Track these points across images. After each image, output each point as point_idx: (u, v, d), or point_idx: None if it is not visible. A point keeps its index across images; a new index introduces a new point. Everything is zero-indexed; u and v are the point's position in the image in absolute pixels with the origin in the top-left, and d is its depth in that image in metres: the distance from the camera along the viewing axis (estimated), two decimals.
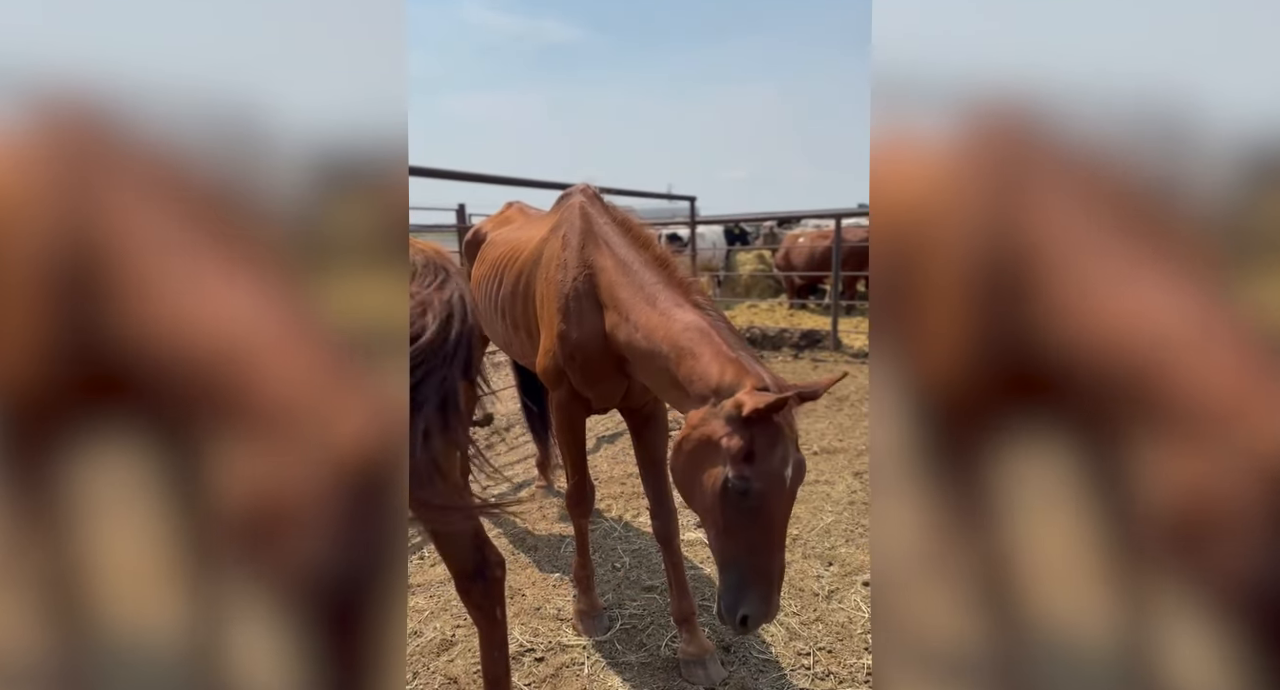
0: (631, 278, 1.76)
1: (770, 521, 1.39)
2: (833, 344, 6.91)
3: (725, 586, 1.43)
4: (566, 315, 1.85)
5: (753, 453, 1.37)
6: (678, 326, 1.61)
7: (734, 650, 2.07)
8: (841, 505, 3.13)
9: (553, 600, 2.41)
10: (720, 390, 1.47)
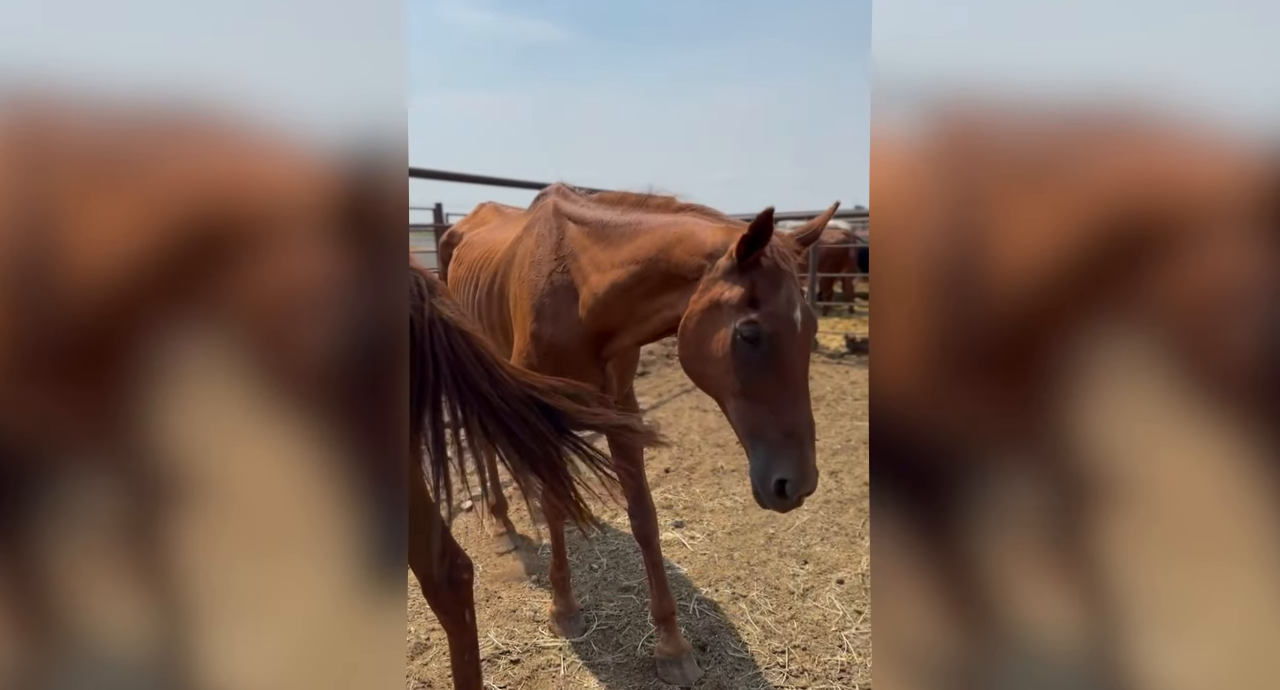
0: (606, 233, 1.70)
1: (788, 370, 1.31)
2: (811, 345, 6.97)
3: (754, 458, 1.33)
4: (540, 314, 1.81)
5: (755, 297, 1.33)
6: (660, 228, 1.57)
7: (710, 649, 2.08)
8: (817, 504, 3.16)
9: (529, 602, 2.39)
10: (714, 253, 1.42)
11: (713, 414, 4.71)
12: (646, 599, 2.35)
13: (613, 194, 1.82)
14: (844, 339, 6.96)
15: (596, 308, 1.69)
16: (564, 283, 1.78)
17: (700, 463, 3.76)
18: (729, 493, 3.33)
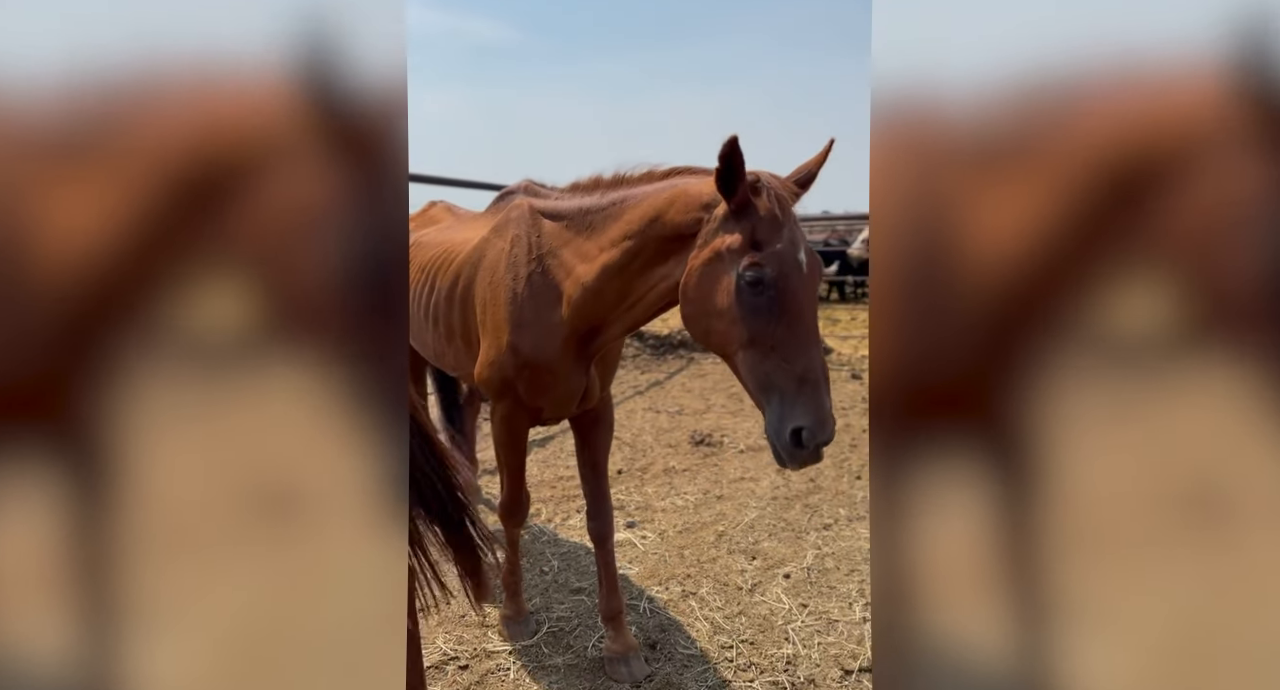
0: (589, 220, 1.62)
1: (797, 313, 1.26)
2: None
3: (768, 409, 1.27)
4: (518, 322, 1.70)
5: (757, 240, 1.28)
6: (649, 197, 1.51)
7: (659, 647, 2.11)
8: (765, 501, 3.23)
9: (481, 607, 2.37)
10: (710, 204, 1.37)
11: (664, 415, 4.75)
12: (596, 599, 2.36)
13: (585, 180, 1.75)
14: None
15: (585, 299, 1.61)
16: (543, 285, 1.69)
17: (653, 463, 3.79)
18: (680, 492, 3.37)
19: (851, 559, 2.65)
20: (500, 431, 1.91)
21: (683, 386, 5.68)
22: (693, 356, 6.90)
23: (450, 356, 2.10)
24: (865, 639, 2.12)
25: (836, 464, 3.73)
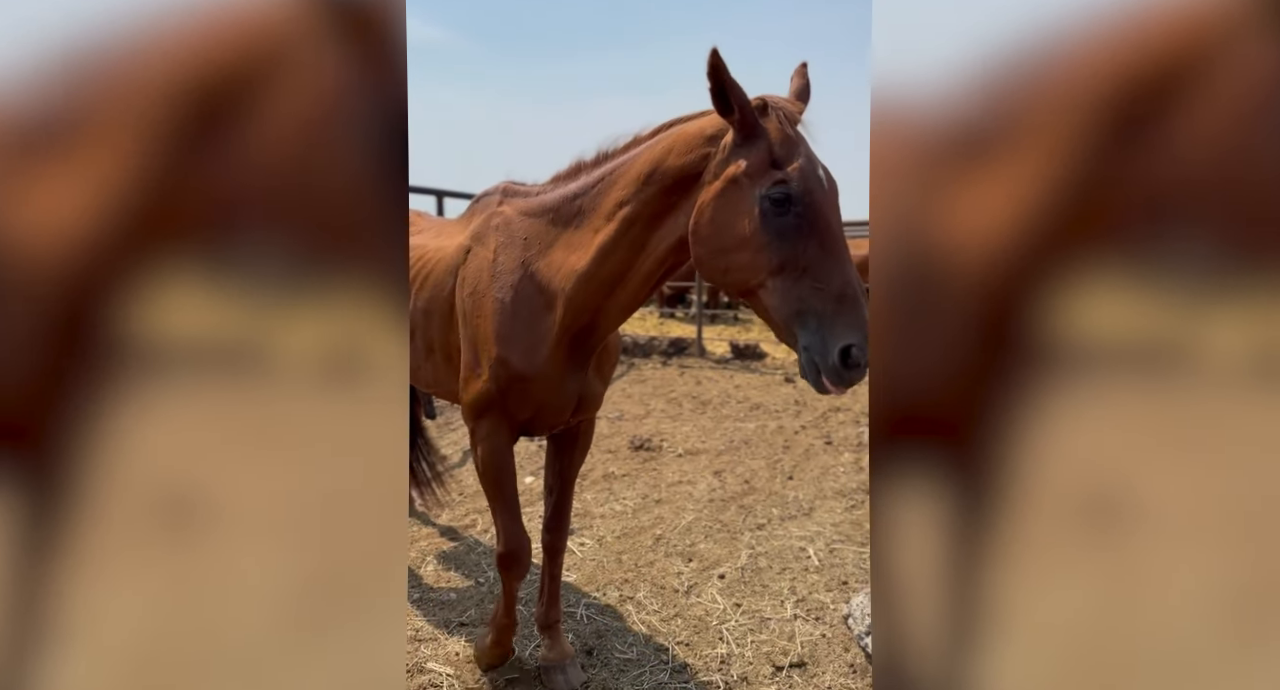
0: (578, 205, 1.54)
1: (827, 229, 1.20)
2: (698, 351, 7.23)
3: (806, 335, 1.19)
4: (507, 336, 1.58)
5: (775, 159, 1.23)
6: (641, 156, 1.44)
7: (596, 653, 2.11)
8: (702, 503, 3.29)
9: (410, 621, 2.31)
10: (716, 135, 1.32)
11: (604, 421, 4.76)
12: (533, 608, 2.34)
13: (565, 169, 1.66)
14: (729, 345, 7.29)
15: (580, 287, 1.52)
16: (531, 290, 1.59)
17: (592, 469, 3.79)
18: (619, 498, 3.39)
19: (783, 558, 2.73)
20: (486, 451, 1.70)
21: (623, 392, 5.71)
22: (634, 362, 6.95)
23: (427, 372, 1.95)
24: (796, 636, 2.19)
25: (770, 465, 3.84)
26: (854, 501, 3.31)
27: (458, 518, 3.14)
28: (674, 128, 1.44)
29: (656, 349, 7.24)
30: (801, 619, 2.29)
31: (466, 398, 1.70)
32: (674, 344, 7.29)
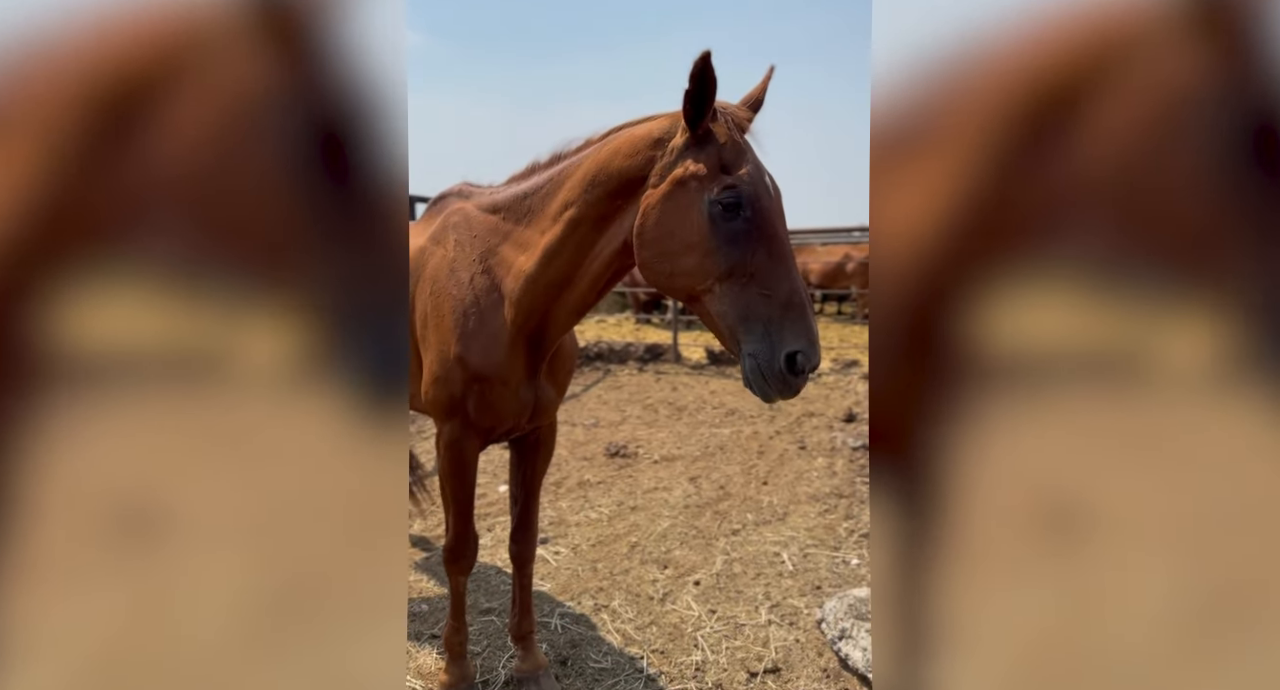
0: (528, 204, 1.54)
1: (774, 236, 1.21)
2: (674, 357, 7.25)
3: (753, 343, 1.19)
4: (464, 332, 1.57)
5: (724, 164, 1.24)
6: (588, 158, 1.43)
7: (570, 663, 2.10)
8: (678, 510, 3.29)
9: None
10: (663, 139, 1.32)
11: (580, 427, 4.75)
12: (507, 620, 2.32)
13: (521, 169, 1.66)
14: (704, 351, 7.32)
15: (526, 289, 1.52)
16: (487, 287, 1.59)
17: (567, 477, 3.77)
18: (595, 505, 3.38)
19: (758, 563, 2.74)
20: (449, 458, 1.70)
21: (599, 398, 5.70)
22: (609, 369, 6.94)
23: None
24: (770, 641, 2.20)
25: (745, 470, 3.86)
26: (827, 506, 3.34)
27: (430, 528, 3.09)
28: (622, 131, 1.44)
29: (632, 355, 7.24)
30: (776, 624, 2.30)
31: (431, 400, 1.68)
32: (650, 350, 7.30)
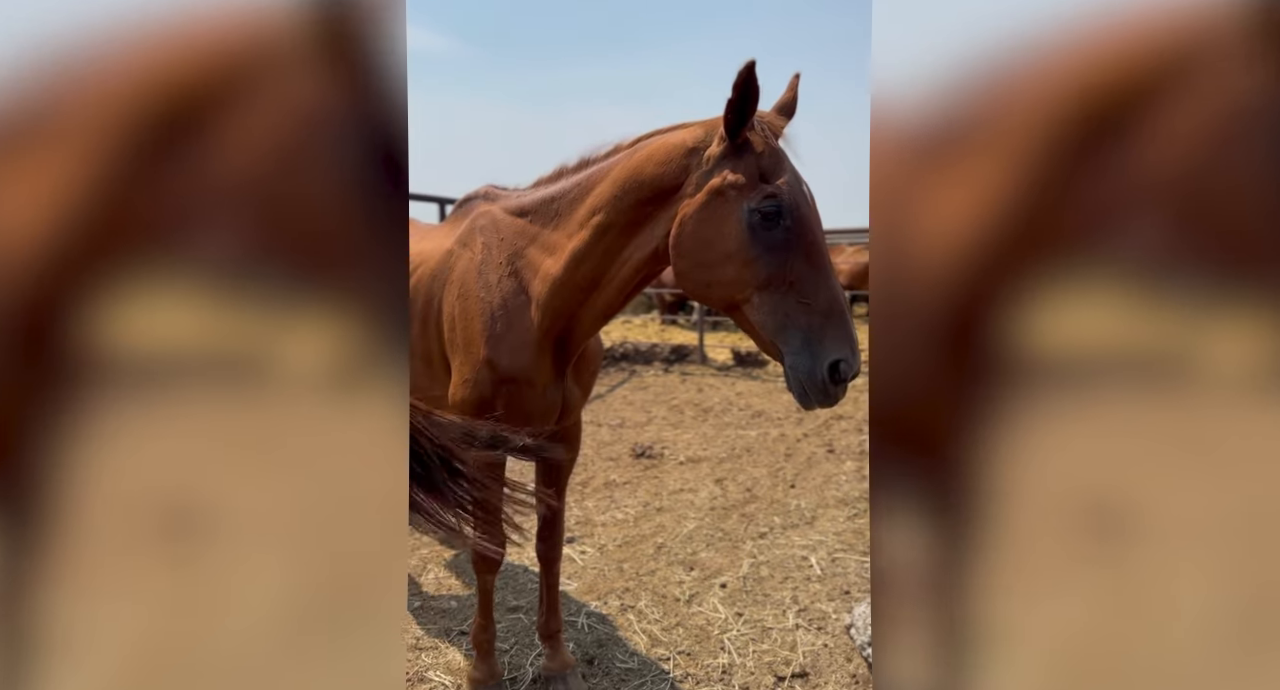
0: (555, 207, 1.54)
1: (814, 244, 1.22)
2: (700, 358, 7.23)
3: (793, 351, 1.20)
4: (493, 335, 1.58)
5: (763, 173, 1.23)
6: (618, 164, 1.43)
7: (597, 662, 2.10)
8: (704, 512, 3.28)
9: (411, 629, 2.30)
10: (697, 148, 1.31)
11: (606, 428, 4.76)
12: (534, 618, 2.34)
13: (548, 173, 1.67)
14: (730, 352, 7.29)
15: (554, 293, 1.53)
16: (514, 290, 1.59)
17: (593, 477, 3.78)
18: (621, 505, 3.38)
19: (785, 567, 2.72)
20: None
21: (624, 399, 5.71)
22: (635, 369, 6.95)
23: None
24: (798, 645, 2.18)
25: (772, 473, 3.83)
26: (856, 510, 3.30)
27: None
28: (653, 138, 1.44)
29: (658, 356, 7.24)
30: (803, 629, 2.28)
31: (460, 401, 1.69)
32: (675, 351, 7.29)
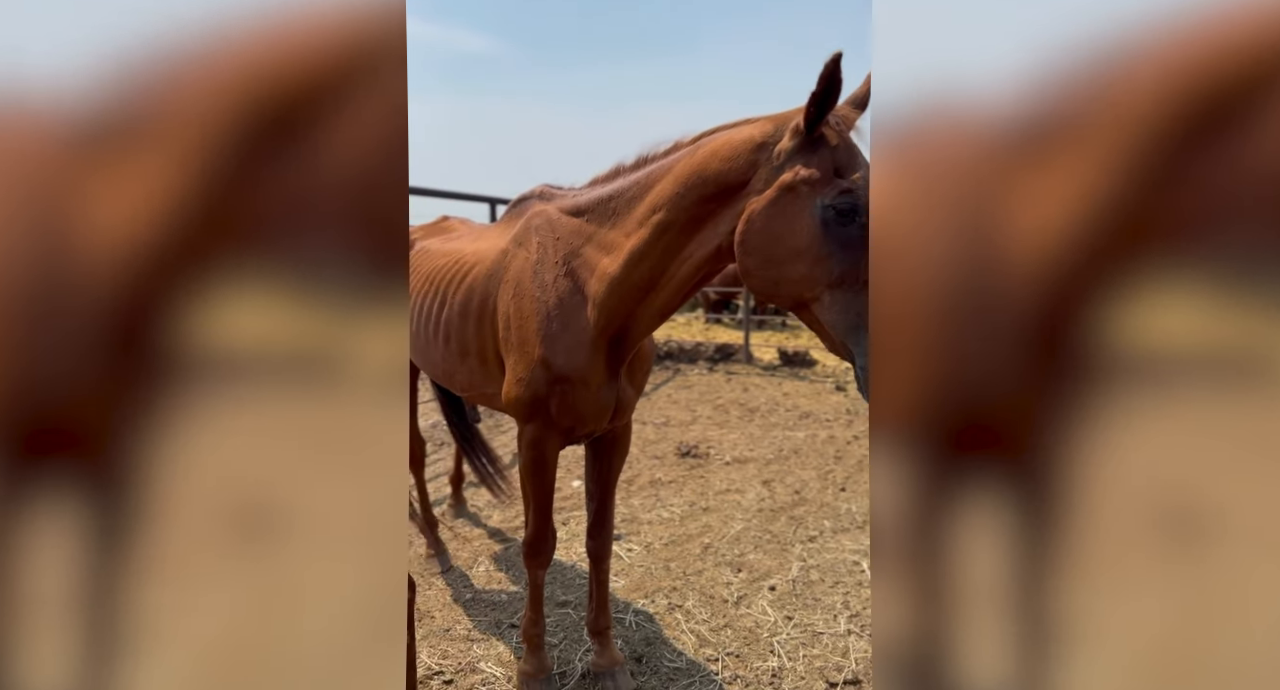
0: (612, 206, 1.53)
1: None
2: (745, 357, 7.16)
3: (865, 352, 1.17)
4: (549, 335, 1.59)
5: (838, 167, 1.20)
6: (681, 161, 1.40)
7: (645, 660, 2.10)
8: (751, 513, 3.25)
9: (463, 621, 2.35)
10: (766, 143, 1.28)
11: (650, 426, 4.76)
12: (583, 613, 2.35)
13: (604, 172, 1.65)
14: (777, 351, 7.19)
15: (611, 292, 1.52)
16: (568, 288, 1.59)
17: (638, 475, 3.79)
18: (667, 504, 3.38)
19: (836, 571, 2.67)
20: (530, 457, 1.74)
21: (669, 398, 5.70)
22: (679, 368, 6.93)
23: (462, 376, 1.96)
24: (850, 651, 2.14)
25: (821, 476, 3.76)
26: None
27: (508, 520, 3.19)
28: (717, 134, 1.41)
29: (702, 354, 7.20)
30: (855, 635, 2.23)
31: (514, 400, 1.70)
32: (720, 350, 7.24)
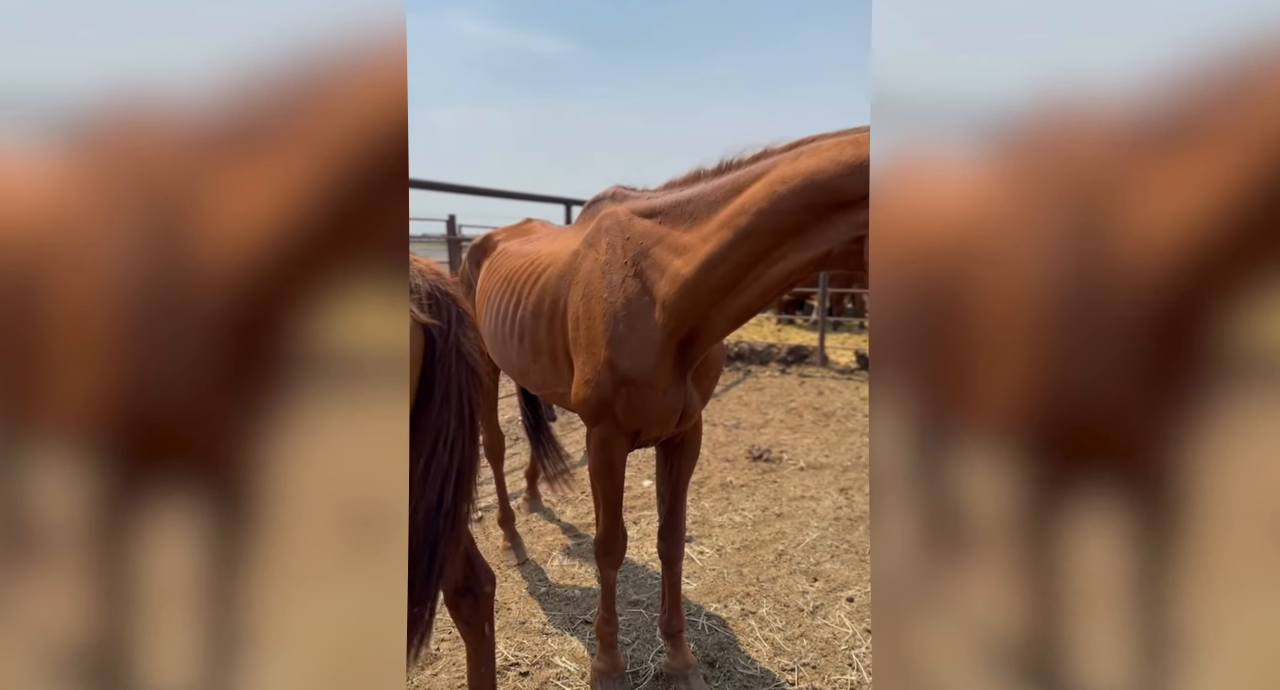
0: (689, 209, 1.52)
1: None
2: (820, 359, 6.97)
3: None
4: (615, 336, 1.60)
5: None
6: (779, 166, 1.38)
7: (718, 665, 2.08)
8: (827, 521, 3.15)
9: (538, 614, 2.40)
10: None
11: (720, 428, 4.71)
12: (655, 613, 2.35)
13: (681, 176, 1.64)
14: (854, 354, 6.95)
15: (683, 294, 1.51)
16: (636, 289, 1.59)
17: (709, 477, 3.76)
18: (738, 508, 3.33)
19: None
20: (598, 458, 1.76)
21: (739, 399, 5.63)
22: (749, 369, 6.83)
23: (535, 374, 1.99)
24: None
25: None
26: None
27: (580, 516, 3.23)
28: (821, 140, 1.38)
29: (774, 356, 7.07)
30: None
31: (581, 401, 1.71)
32: (793, 352, 7.08)
